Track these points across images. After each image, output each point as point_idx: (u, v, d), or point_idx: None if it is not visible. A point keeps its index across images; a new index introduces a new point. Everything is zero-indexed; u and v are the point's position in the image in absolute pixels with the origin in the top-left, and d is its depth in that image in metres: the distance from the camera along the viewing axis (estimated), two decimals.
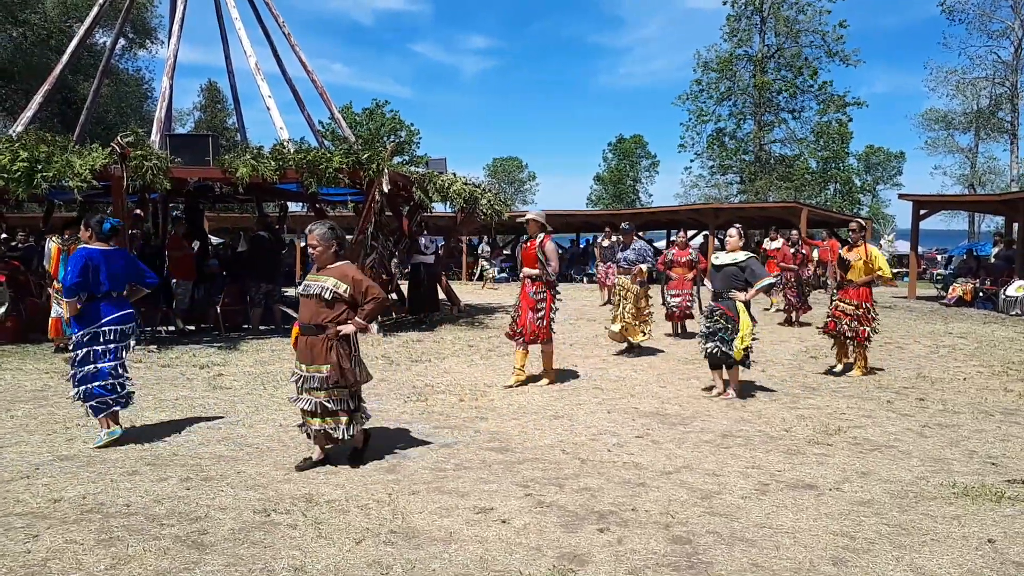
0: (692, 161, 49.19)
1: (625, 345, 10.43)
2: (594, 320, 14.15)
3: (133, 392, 6.22)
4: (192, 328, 12.77)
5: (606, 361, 9.92)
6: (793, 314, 13.65)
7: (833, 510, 4.50)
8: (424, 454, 5.66)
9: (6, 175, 9.75)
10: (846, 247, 9.16)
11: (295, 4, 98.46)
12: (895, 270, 32.24)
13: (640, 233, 32.88)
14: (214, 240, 20.22)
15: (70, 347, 6.08)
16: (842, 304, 8.73)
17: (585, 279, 27.97)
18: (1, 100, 33.10)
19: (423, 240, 14.87)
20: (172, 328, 12.45)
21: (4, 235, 15.36)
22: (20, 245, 16.39)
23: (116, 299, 5.96)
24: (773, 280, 7.87)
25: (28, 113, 13.78)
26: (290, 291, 18.07)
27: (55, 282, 10.36)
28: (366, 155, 11.47)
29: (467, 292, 20.56)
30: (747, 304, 7.45)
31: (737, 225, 7.86)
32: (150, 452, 5.65)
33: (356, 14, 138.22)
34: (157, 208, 15.33)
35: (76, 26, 22.17)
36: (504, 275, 26.73)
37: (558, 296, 8.30)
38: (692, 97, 46.91)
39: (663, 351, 10.77)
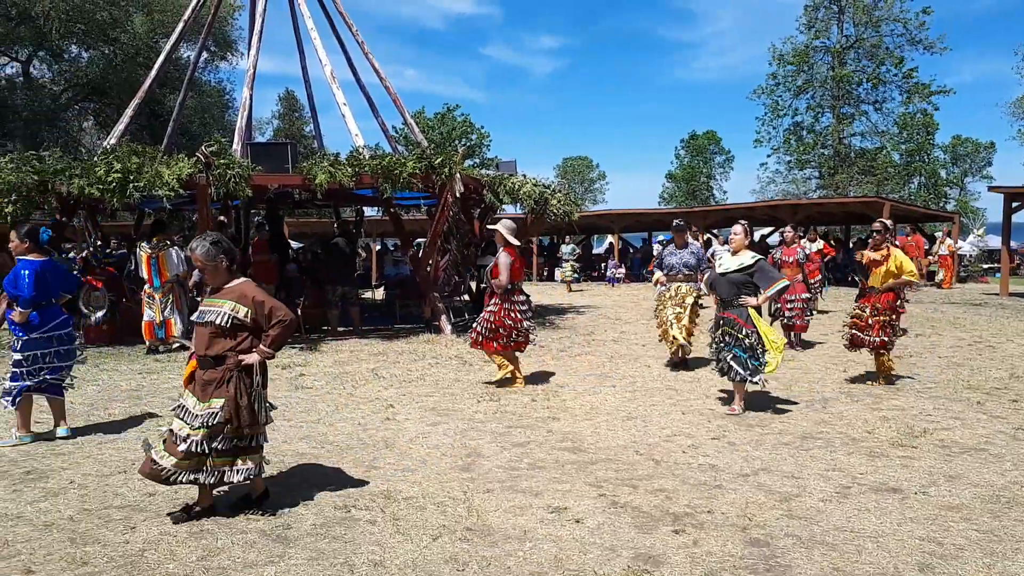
0: (768, 156, 48.21)
1: (678, 356, 9.36)
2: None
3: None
4: None
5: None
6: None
7: (919, 514, 4.36)
8: (498, 453, 5.72)
9: (102, 186, 10.29)
10: (869, 249, 8.28)
11: (368, 12, 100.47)
12: (986, 266, 30.87)
13: (715, 231, 32.52)
14: (294, 245, 20.82)
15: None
16: (859, 311, 8.01)
17: None
18: (95, 115, 34.87)
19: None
20: None
21: (100, 243, 16.16)
22: (114, 253, 17.22)
23: (55, 305, 6.29)
24: (787, 283, 6.95)
25: (120, 126, 14.50)
26: (367, 293, 18.49)
27: (146, 287, 10.90)
28: (438, 159, 11.64)
29: (537, 293, 20.60)
30: (759, 310, 6.87)
31: (742, 222, 7.13)
32: None
33: (427, 19, 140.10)
34: (239, 215, 15.89)
35: (162, 42, 23.19)
36: (576, 276, 26.48)
37: (511, 307, 8.03)
38: (768, 91, 45.97)
39: None
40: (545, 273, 30.51)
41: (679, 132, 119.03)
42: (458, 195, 11.80)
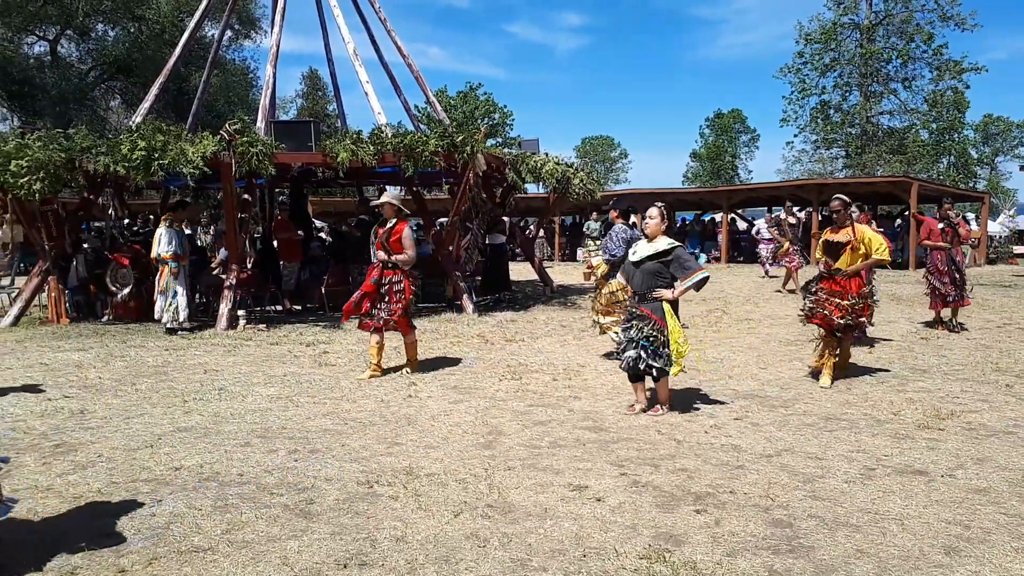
0: (795, 136, 47.54)
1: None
2: (689, 300, 13.89)
3: None
4: (299, 307, 13.29)
5: (702, 342, 9.75)
6: (945, 311, 10.44)
7: (945, 497, 4.31)
8: (519, 431, 5.73)
9: (127, 163, 10.38)
10: (829, 228, 7.48)
11: None
12: (1018, 249, 30.30)
13: (740, 211, 31.98)
14: (318, 224, 20.89)
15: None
16: (831, 297, 7.18)
17: None
18: (122, 93, 35.16)
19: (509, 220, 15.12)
20: (280, 308, 12.99)
21: (127, 220, 16.33)
22: (140, 230, 17.39)
23: None
24: (706, 275, 6.06)
25: (145, 104, 14.58)
26: None
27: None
28: (460, 138, 11.60)
29: (560, 273, 20.57)
30: (675, 304, 6.09)
31: (659, 204, 6.25)
32: (260, 425, 5.94)
33: None
34: (264, 193, 15.96)
35: (187, 20, 23.25)
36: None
37: (415, 285, 7.88)
38: (794, 70, 45.20)
39: (767, 331, 10.51)
40: (567, 252, 30.42)
41: (704, 110, 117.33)
42: (480, 174, 11.77)
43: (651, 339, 5.97)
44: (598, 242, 22.70)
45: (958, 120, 45.34)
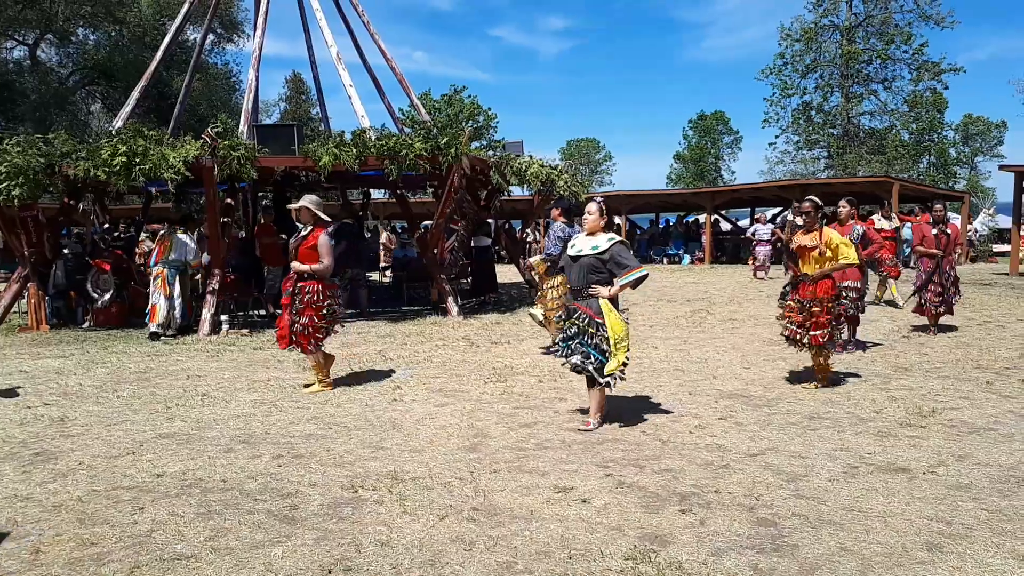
0: (777, 137, 47.97)
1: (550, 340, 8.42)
2: (674, 301, 13.96)
3: None
4: (281, 312, 13.20)
5: (686, 342, 9.79)
6: (935, 317, 10.13)
7: (927, 494, 4.34)
8: (504, 434, 5.72)
9: (107, 169, 10.29)
10: (800, 231, 7.24)
11: None
12: (997, 248, 30.64)
13: (724, 212, 32.19)
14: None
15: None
16: (794, 305, 7.08)
17: (665, 259, 27.65)
18: (103, 97, 34.90)
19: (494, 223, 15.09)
20: (263, 312, 12.92)
21: (107, 226, 16.19)
22: (122, 236, 17.26)
23: None
24: (644, 273, 5.74)
25: (127, 109, 14.47)
26: (374, 275, 18.51)
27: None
28: (444, 140, 11.58)
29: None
30: (614, 302, 5.75)
31: (597, 199, 6.00)
32: (244, 431, 5.90)
33: (436, 0, 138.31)
34: (247, 197, 15.87)
35: (168, 24, 23.10)
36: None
37: (335, 296, 7.22)
38: (776, 71, 45.57)
39: (751, 331, 10.55)
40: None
41: (687, 113, 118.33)
42: (465, 176, 11.75)
43: (586, 336, 5.69)
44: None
45: (937, 120, 45.87)
